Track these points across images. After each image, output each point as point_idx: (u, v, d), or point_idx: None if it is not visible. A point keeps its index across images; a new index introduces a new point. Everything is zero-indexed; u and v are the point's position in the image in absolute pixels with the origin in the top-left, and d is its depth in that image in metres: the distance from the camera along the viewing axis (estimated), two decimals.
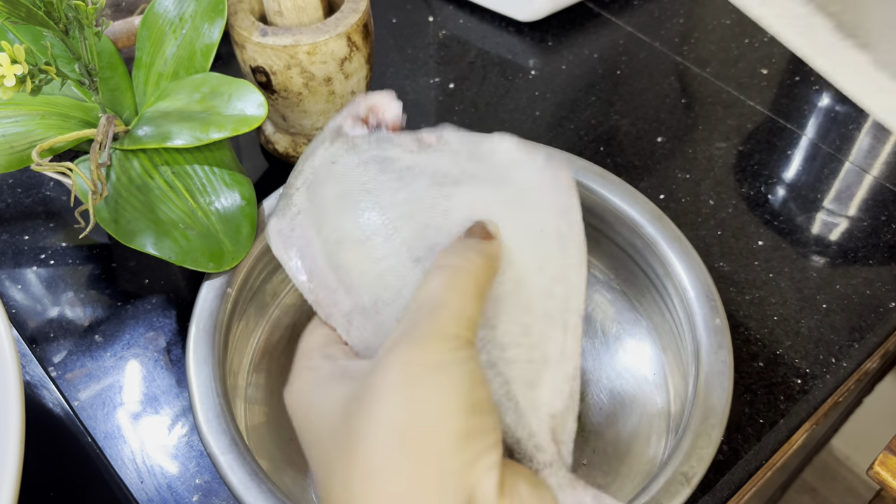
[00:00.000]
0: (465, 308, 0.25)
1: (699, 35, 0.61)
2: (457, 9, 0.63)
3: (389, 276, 0.29)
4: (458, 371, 0.23)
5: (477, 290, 0.26)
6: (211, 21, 0.41)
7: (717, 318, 0.37)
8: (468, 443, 0.22)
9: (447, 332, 0.24)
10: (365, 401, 0.23)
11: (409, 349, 0.23)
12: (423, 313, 0.25)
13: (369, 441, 0.22)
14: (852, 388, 0.44)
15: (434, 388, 0.23)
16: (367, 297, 0.29)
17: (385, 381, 0.23)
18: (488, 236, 0.28)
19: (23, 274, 0.46)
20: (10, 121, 0.39)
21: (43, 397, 0.40)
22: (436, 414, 0.22)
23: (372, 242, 0.29)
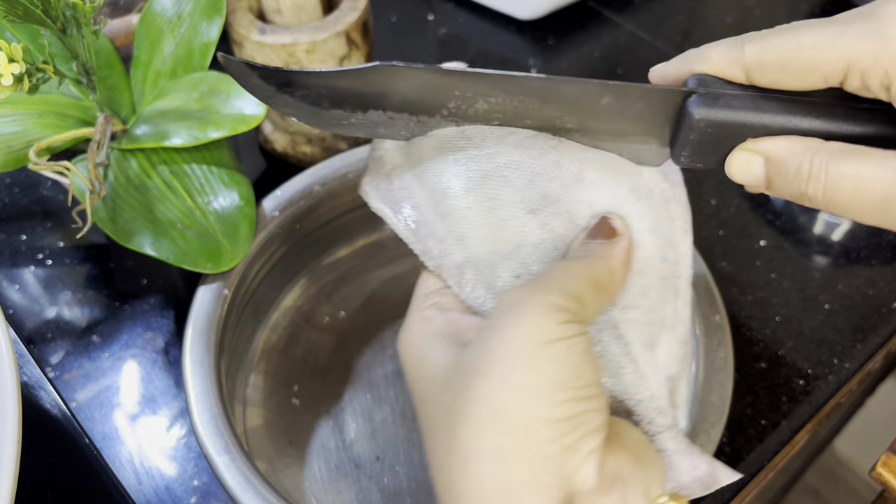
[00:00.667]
0: (579, 289, 0.24)
1: (700, 34, 0.61)
2: (456, 7, 0.63)
3: (506, 229, 0.28)
4: (563, 349, 0.23)
5: (597, 283, 0.25)
6: (209, 19, 0.41)
7: (717, 316, 0.37)
8: (567, 428, 0.22)
9: (557, 303, 0.23)
10: (469, 374, 0.23)
11: (517, 321, 0.23)
12: (536, 285, 0.24)
13: (469, 420, 0.22)
14: (855, 388, 0.44)
15: (537, 368, 0.22)
16: (481, 249, 0.28)
17: (489, 358, 0.23)
18: (613, 234, 0.27)
19: (20, 274, 0.46)
20: (8, 120, 0.38)
21: (40, 398, 0.40)
22: (536, 397, 0.22)
23: (483, 191, 0.28)
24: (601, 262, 0.26)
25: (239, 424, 0.39)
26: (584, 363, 0.23)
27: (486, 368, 0.23)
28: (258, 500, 0.31)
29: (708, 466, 0.27)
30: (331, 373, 0.42)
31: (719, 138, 0.26)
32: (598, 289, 0.25)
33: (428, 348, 0.26)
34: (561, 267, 0.26)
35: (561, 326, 0.23)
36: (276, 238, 0.41)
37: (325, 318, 0.44)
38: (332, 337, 0.43)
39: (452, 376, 0.24)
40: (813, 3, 0.63)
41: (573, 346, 0.23)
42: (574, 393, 0.22)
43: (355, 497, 0.38)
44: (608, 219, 0.27)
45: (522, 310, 0.23)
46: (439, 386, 0.24)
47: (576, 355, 0.23)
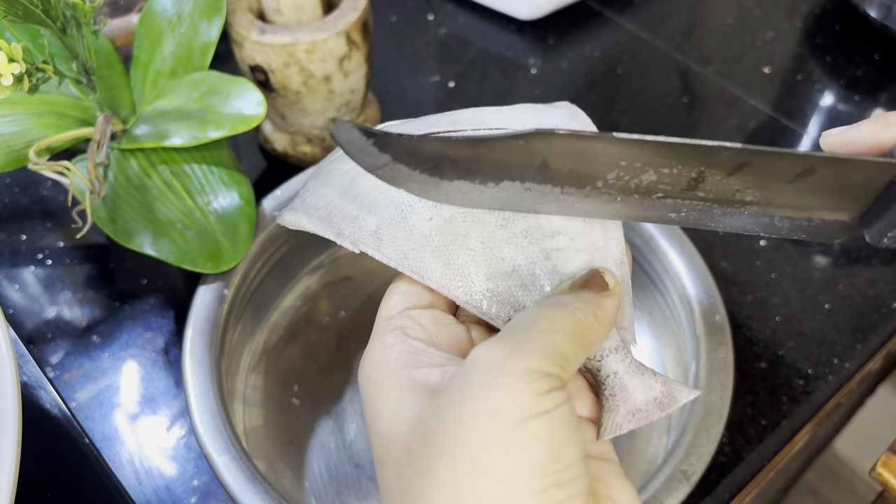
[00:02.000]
0: (562, 346, 0.22)
1: (701, 33, 0.61)
2: (457, 7, 0.63)
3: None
4: (543, 426, 0.20)
5: (581, 336, 0.23)
6: (209, 19, 0.41)
7: (717, 315, 0.37)
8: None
9: (538, 369, 0.21)
10: (433, 450, 0.20)
11: (488, 391, 0.20)
12: (516, 342, 0.21)
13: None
14: (855, 388, 0.44)
15: (509, 451, 0.20)
16: (392, 209, 0.26)
17: (457, 436, 0.20)
18: (604, 288, 0.25)
19: (20, 274, 0.46)
20: (8, 120, 0.38)
21: (40, 398, 0.40)
22: (511, 488, 0.19)
23: None
24: (588, 312, 0.23)
25: (239, 424, 0.39)
26: (566, 440, 0.20)
27: (453, 448, 0.20)
28: (258, 499, 0.31)
29: (663, 385, 0.25)
30: (331, 373, 0.42)
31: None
32: (583, 343, 0.23)
33: (383, 391, 0.23)
34: (543, 315, 0.23)
35: (541, 398, 0.20)
36: (277, 238, 0.41)
37: (325, 318, 0.44)
38: (332, 337, 0.43)
39: (414, 445, 0.21)
40: (813, 3, 0.63)
41: (554, 420, 0.20)
42: (555, 478, 0.20)
43: (355, 497, 0.38)
44: (600, 272, 0.25)
45: (498, 377, 0.20)
46: (398, 452, 0.21)
47: (557, 432, 0.20)
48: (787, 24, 0.61)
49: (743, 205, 0.24)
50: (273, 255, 0.41)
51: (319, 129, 0.48)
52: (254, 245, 0.39)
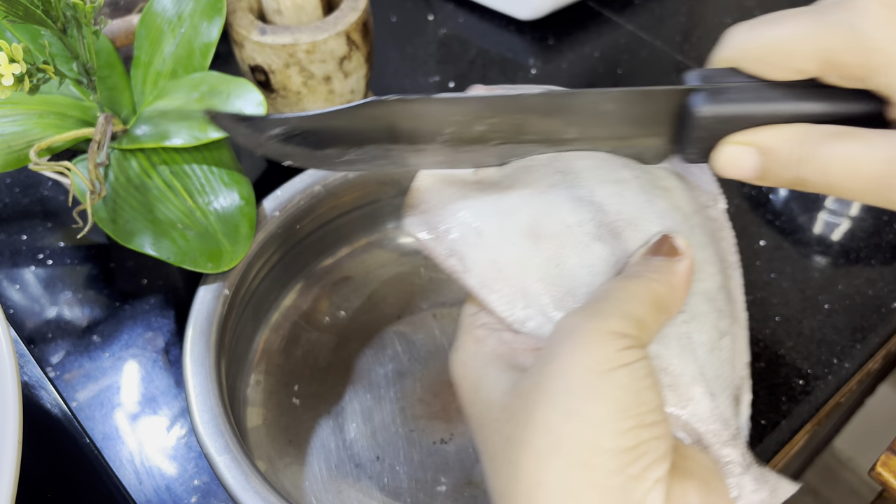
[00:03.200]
0: (638, 312, 0.24)
1: (700, 34, 0.61)
2: (457, 7, 0.63)
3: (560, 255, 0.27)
4: (624, 376, 0.22)
5: (657, 303, 0.24)
6: (209, 19, 0.41)
7: None
8: (632, 458, 0.21)
9: (616, 330, 0.23)
10: (529, 403, 0.23)
11: (576, 350, 0.22)
12: (594, 309, 0.24)
13: (533, 450, 0.22)
14: (854, 388, 0.44)
15: (596, 397, 0.22)
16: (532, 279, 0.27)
17: (549, 388, 0.22)
18: (675, 252, 0.26)
19: (21, 274, 0.46)
20: (8, 120, 0.38)
21: (41, 398, 0.40)
22: (597, 427, 0.21)
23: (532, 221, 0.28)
24: (662, 280, 0.25)
25: (239, 424, 0.39)
26: (647, 388, 0.22)
27: (547, 399, 0.22)
28: (258, 499, 0.31)
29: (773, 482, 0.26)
30: (331, 373, 0.42)
31: (725, 132, 0.26)
32: (659, 308, 0.25)
33: (483, 371, 0.25)
34: (619, 287, 0.25)
35: (621, 353, 0.22)
36: (277, 238, 0.41)
37: (325, 318, 0.44)
38: (332, 337, 0.43)
39: (512, 403, 0.23)
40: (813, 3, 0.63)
41: (635, 371, 0.22)
42: (638, 420, 0.22)
43: (355, 497, 0.38)
44: (670, 237, 0.27)
45: (581, 337, 0.23)
46: (498, 412, 0.24)
47: (638, 381, 0.22)
48: None
49: (568, 142, 0.28)
50: (273, 254, 0.42)
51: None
52: (254, 245, 0.39)
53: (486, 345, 0.26)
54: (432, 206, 0.29)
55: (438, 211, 0.28)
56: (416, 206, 0.29)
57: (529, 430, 0.22)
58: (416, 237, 0.29)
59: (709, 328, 0.27)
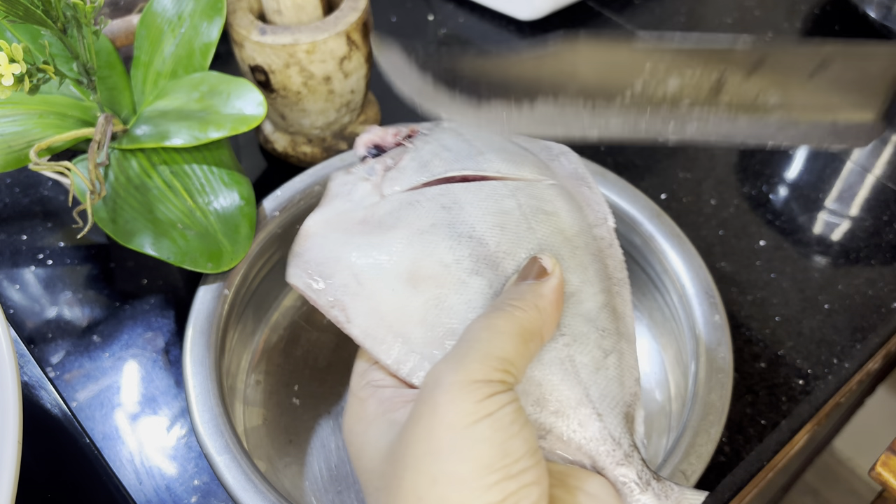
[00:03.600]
0: (503, 350, 0.23)
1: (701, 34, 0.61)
2: (457, 7, 0.63)
3: (445, 301, 0.27)
4: (486, 428, 0.22)
5: (524, 334, 0.24)
6: (210, 20, 0.41)
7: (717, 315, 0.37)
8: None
9: (476, 378, 0.22)
10: (398, 469, 0.23)
11: (434, 407, 0.22)
12: (457, 358, 0.23)
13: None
14: (854, 388, 0.44)
15: (459, 456, 0.21)
16: (418, 332, 0.27)
17: (414, 452, 0.22)
18: (543, 273, 0.26)
19: (21, 274, 0.46)
20: (8, 120, 0.38)
21: (41, 398, 0.40)
22: (462, 488, 0.21)
23: (414, 268, 0.27)
24: (528, 306, 0.25)
25: (239, 424, 0.39)
26: (513, 436, 0.22)
27: (413, 463, 0.22)
28: (258, 499, 0.31)
29: (677, 494, 0.26)
30: (331, 373, 0.42)
31: None
32: (526, 339, 0.24)
33: (365, 437, 0.25)
34: (482, 326, 0.24)
35: (482, 404, 0.22)
36: (277, 238, 0.41)
37: (325, 318, 0.44)
38: (332, 337, 0.43)
39: (386, 470, 0.23)
40: (812, 2, 0.63)
41: (497, 421, 0.22)
42: (504, 472, 0.22)
43: (355, 497, 0.38)
44: (538, 259, 0.26)
45: (441, 394, 0.22)
46: (377, 481, 0.24)
47: (502, 430, 0.22)
48: (787, 24, 0.61)
49: (766, 110, 0.25)
50: (273, 255, 0.42)
51: (320, 129, 0.48)
52: (254, 245, 0.39)
53: (368, 406, 0.26)
54: (315, 255, 0.28)
55: (322, 260, 0.28)
56: (300, 255, 0.29)
57: (400, 499, 0.22)
58: (297, 287, 0.29)
59: (591, 348, 0.27)
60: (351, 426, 0.26)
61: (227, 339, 0.38)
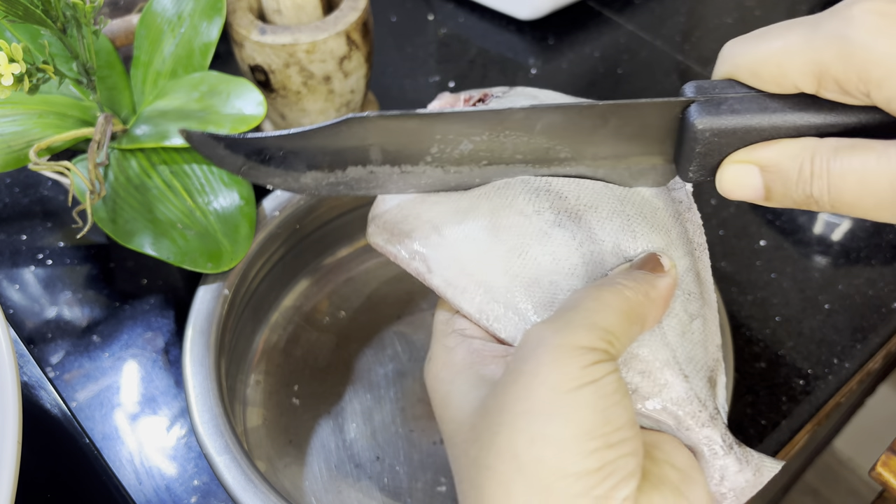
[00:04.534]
0: (608, 323, 0.23)
1: (701, 34, 0.61)
2: (457, 7, 0.63)
3: (530, 254, 0.27)
4: (590, 394, 0.21)
5: (630, 313, 0.24)
6: (209, 19, 0.41)
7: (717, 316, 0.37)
8: (598, 479, 0.21)
9: (582, 344, 0.22)
10: (493, 425, 0.22)
11: (540, 367, 0.22)
12: (562, 322, 0.23)
13: (496, 476, 0.22)
14: (854, 388, 0.44)
15: (560, 418, 0.21)
16: (503, 279, 0.27)
17: (512, 409, 0.22)
18: (659, 268, 0.26)
19: (20, 274, 0.46)
20: (8, 120, 0.38)
21: (40, 398, 0.40)
22: (561, 450, 0.21)
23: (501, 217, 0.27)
24: (639, 289, 0.24)
25: (239, 424, 0.39)
26: (614, 405, 0.22)
27: (511, 421, 0.22)
28: (258, 499, 0.31)
29: (757, 461, 0.26)
30: (331, 373, 0.42)
31: (726, 146, 0.25)
32: (631, 319, 0.24)
33: (452, 385, 0.25)
34: (590, 296, 0.24)
35: (587, 370, 0.22)
36: (277, 238, 0.41)
37: (325, 318, 0.44)
38: (332, 337, 0.43)
39: (478, 424, 0.23)
40: (813, 2, 0.63)
41: (601, 388, 0.22)
42: (604, 440, 0.21)
43: (355, 497, 0.38)
44: (657, 255, 0.26)
45: (545, 354, 0.22)
46: (465, 433, 0.23)
47: (604, 398, 0.22)
48: None
49: (561, 162, 0.27)
50: (273, 255, 0.41)
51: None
52: (254, 245, 0.39)
53: (455, 355, 0.26)
54: (395, 215, 0.28)
55: (401, 218, 0.28)
56: (379, 216, 0.29)
57: (493, 455, 0.22)
58: (378, 245, 0.29)
59: (678, 311, 0.27)
60: (436, 373, 0.26)
61: (226, 339, 0.38)
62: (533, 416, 0.21)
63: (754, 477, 0.26)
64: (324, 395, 0.41)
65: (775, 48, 0.23)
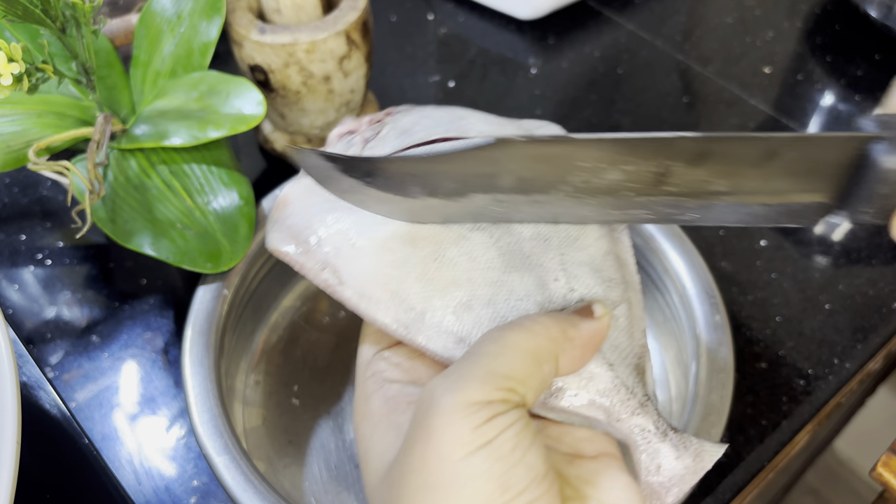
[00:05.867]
0: (508, 367, 0.21)
1: (701, 33, 0.61)
2: (456, 7, 0.63)
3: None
4: (485, 459, 0.20)
5: (537, 352, 0.22)
6: (209, 19, 0.41)
7: (718, 316, 0.37)
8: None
9: (475, 399, 0.20)
10: (394, 498, 0.21)
11: (429, 432, 0.20)
12: (458, 374, 0.21)
13: None
14: (855, 388, 0.44)
15: (454, 492, 0.20)
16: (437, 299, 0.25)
17: (408, 482, 0.21)
18: (588, 314, 0.24)
19: (20, 274, 0.45)
20: (7, 120, 0.38)
21: (40, 398, 0.40)
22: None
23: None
24: (551, 327, 0.23)
25: (239, 424, 0.39)
26: (514, 465, 0.20)
27: (409, 496, 0.20)
28: (258, 500, 0.31)
29: (696, 446, 0.25)
30: (331, 373, 0.42)
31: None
32: (538, 359, 0.22)
33: (370, 443, 0.24)
34: (491, 338, 0.22)
35: (479, 431, 0.20)
36: None
37: (325, 318, 0.44)
38: (332, 337, 0.43)
39: (385, 494, 0.22)
40: (813, 2, 0.63)
41: (497, 449, 0.20)
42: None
43: (355, 497, 0.38)
44: (591, 303, 0.25)
45: (436, 417, 0.20)
46: (378, 500, 0.23)
47: (501, 461, 0.20)
48: (788, 24, 0.61)
49: (714, 195, 0.24)
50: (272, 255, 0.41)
51: (319, 129, 0.48)
52: (253, 245, 0.39)
53: (372, 404, 0.24)
54: (300, 220, 0.27)
55: (307, 224, 0.26)
56: (281, 220, 0.27)
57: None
58: (280, 253, 0.27)
59: (597, 299, 0.26)
60: (357, 424, 0.25)
61: (226, 340, 0.38)
62: (427, 491, 0.20)
63: (694, 462, 0.25)
64: (324, 395, 0.41)
65: None
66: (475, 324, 0.25)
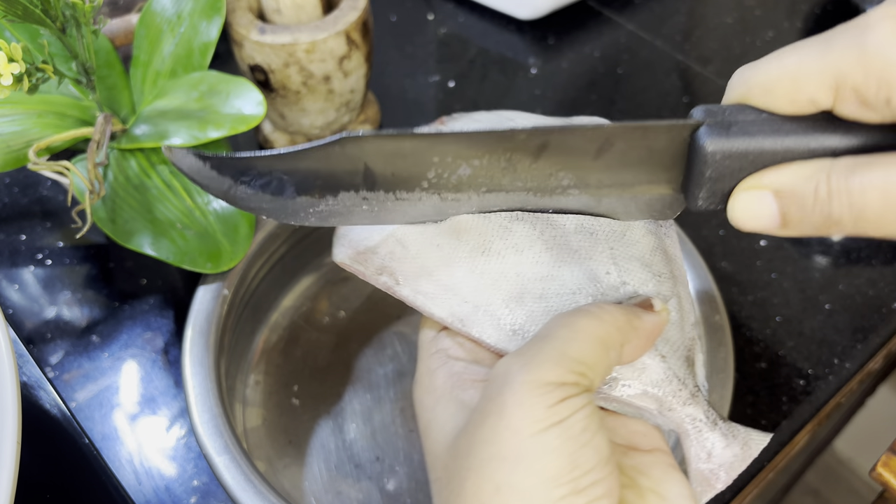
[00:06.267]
0: (580, 352, 0.22)
1: (701, 33, 0.61)
2: (457, 7, 0.63)
3: (513, 271, 0.27)
4: (555, 437, 0.21)
5: (605, 339, 0.23)
6: (209, 19, 0.41)
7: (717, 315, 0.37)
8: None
9: (549, 380, 0.21)
10: (462, 470, 0.22)
11: (502, 407, 0.21)
12: (531, 354, 0.22)
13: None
14: (855, 388, 0.44)
15: (525, 465, 0.20)
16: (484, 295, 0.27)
17: (478, 455, 0.21)
18: (649, 307, 0.25)
19: (20, 274, 0.45)
20: (7, 120, 0.38)
21: (40, 398, 0.40)
22: (526, 500, 0.20)
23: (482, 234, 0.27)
24: (618, 315, 0.24)
25: (239, 424, 0.39)
26: (582, 446, 0.21)
27: (477, 466, 0.21)
28: (258, 499, 0.31)
29: (744, 435, 0.26)
30: (331, 373, 0.42)
31: (738, 171, 0.23)
32: (606, 346, 0.23)
33: (433, 414, 0.24)
34: (562, 323, 0.23)
35: (553, 409, 0.21)
36: (276, 238, 0.41)
37: (325, 318, 0.44)
38: (332, 337, 0.43)
39: (450, 465, 0.22)
40: (813, 2, 0.63)
41: (568, 429, 0.21)
42: (571, 486, 0.20)
43: (355, 497, 0.38)
44: (650, 299, 0.26)
45: (511, 394, 0.21)
46: (440, 470, 0.23)
47: (571, 440, 0.21)
48: (787, 24, 0.61)
49: (563, 189, 0.26)
50: (273, 255, 0.41)
51: (319, 128, 0.48)
52: (253, 245, 0.39)
53: (436, 378, 0.25)
54: (358, 232, 0.28)
55: (365, 235, 0.28)
56: (344, 235, 0.29)
57: (461, 502, 0.21)
58: (344, 263, 0.28)
59: (650, 294, 0.26)
60: (419, 397, 0.26)
61: (226, 340, 0.38)
62: (498, 462, 0.21)
63: (742, 451, 0.26)
64: (323, 395, 0.41)
65: (789, 63, 0.22)
66: (528, 317, 0.26)
